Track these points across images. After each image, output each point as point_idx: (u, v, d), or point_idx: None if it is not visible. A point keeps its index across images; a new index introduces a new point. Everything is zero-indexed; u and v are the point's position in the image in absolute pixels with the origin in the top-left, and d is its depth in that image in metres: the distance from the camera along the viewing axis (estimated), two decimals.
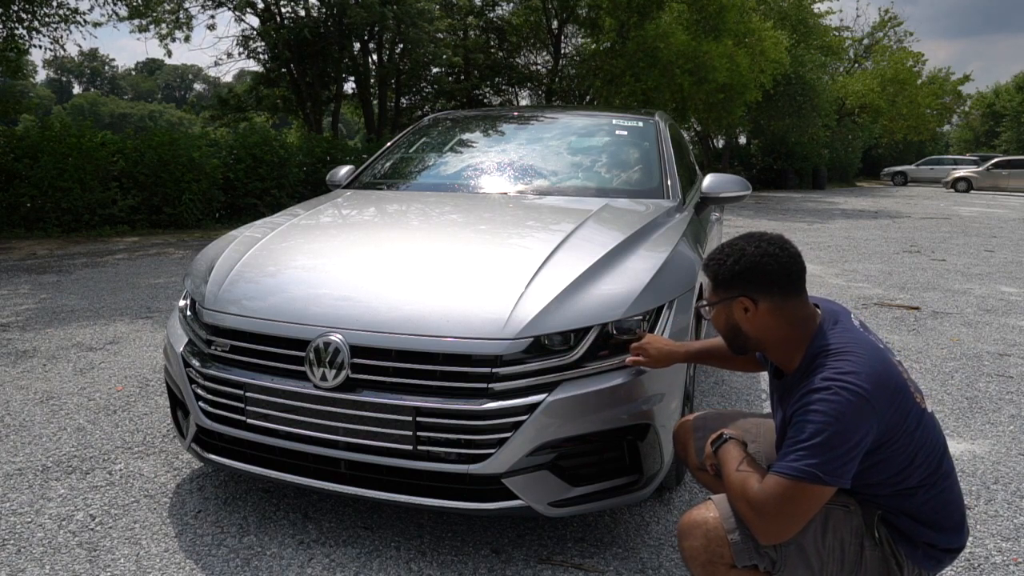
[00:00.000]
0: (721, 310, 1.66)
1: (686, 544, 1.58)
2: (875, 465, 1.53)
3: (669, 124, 3.98)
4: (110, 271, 7.27)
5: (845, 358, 1.51)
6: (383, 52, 18.28)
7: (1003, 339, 4.96)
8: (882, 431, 1.49)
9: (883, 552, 1.59)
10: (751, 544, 1.52)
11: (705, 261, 1.70)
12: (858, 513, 1.59)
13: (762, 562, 1.53)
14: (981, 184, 27.12)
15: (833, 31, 29.74)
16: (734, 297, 1.63)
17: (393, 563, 2.15)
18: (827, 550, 1.55)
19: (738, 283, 1.61)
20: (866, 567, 1.59)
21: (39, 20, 12.01)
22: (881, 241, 10.82)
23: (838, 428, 1.44)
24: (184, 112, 39.40)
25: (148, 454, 2.90)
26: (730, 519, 1.55)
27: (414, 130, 4.28)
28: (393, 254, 2.44)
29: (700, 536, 1.56)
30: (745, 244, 1.63)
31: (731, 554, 1.53)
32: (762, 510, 1.47)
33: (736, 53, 18.31)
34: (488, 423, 1.95)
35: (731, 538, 1.53)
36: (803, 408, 1.49)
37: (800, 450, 1.46)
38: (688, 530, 1.59)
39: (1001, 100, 48.01)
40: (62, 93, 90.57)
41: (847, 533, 1.57)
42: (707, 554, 1.55)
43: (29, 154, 10.11)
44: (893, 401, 1.49)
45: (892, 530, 1.61)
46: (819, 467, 1.43)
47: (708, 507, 1.60)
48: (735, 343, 1.70)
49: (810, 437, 1.45)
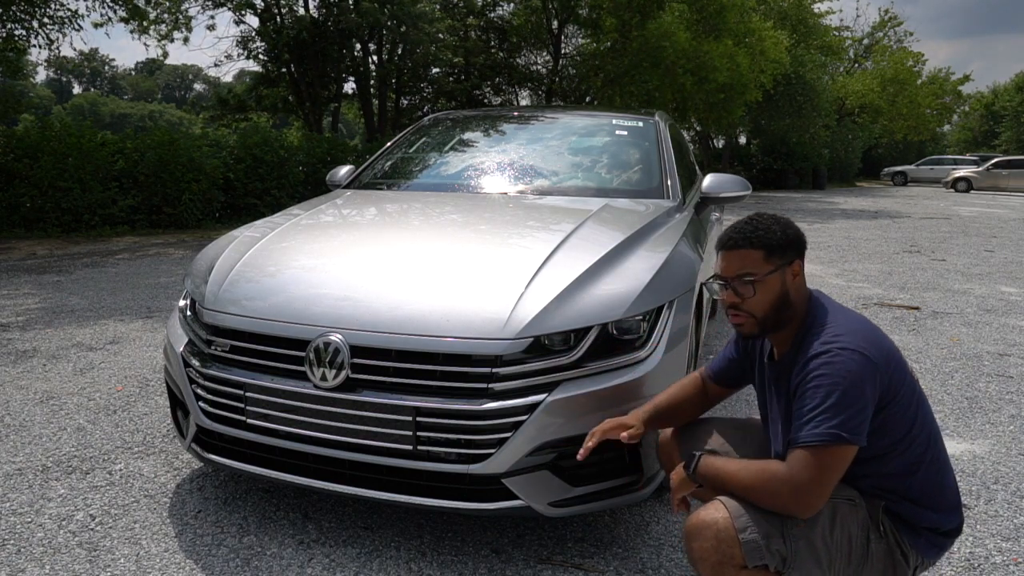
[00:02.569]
0: (776, 279, 1.64)
1: (695, 545, 1.55)
2: (879, 429, 1.55)
3: (669, 124, 3.98)
4: (110, 271, 7.28)
5: (836, 324, 1.59)
6: (383, 52, 18.28)
7: (1003, 339, 4.96)
8: (884, 390, 1.54)
9: (888, 543, 1.61)
10: (762, 543, 1.50)
11: (744, 237, 1.65)
12: (863, 506, 1.61)
13: (773, 561, 1.51)
14: (981, 184, 27.12)
15: (833, 31, 29.77)
16: (789, 262, 1.66)
17: (393, 563, 2.15)
18: (835, 545, 1.56)
19: (792, 248, 1.66)
20: (872, 560, 1.60)
21: (38, 20, 12.02)
22: (881, 241, 10.82)
23: (846, 387, 1.48)
24: (184, 112, 39.42)
25: (148, 454, 2.90)
26: (741, 518, 1.53)
27: (414, 130, 4.28)
28: (393, 254, 2.44)
29: (710, 537, 1.53)
30: (770, 216, 1.69)
31: (742, 554, 1.50)
32: (799, 485, 1.47)
33: (736, 53, 18.32)
34: (488, 423, 1.95)
35: (742, 537, 1.50)
36: (807, 376, 1.53)
37: (817, 416, 1.48)
38: (697, 531, 1.55)
39: (1000, 100, 48.01)
40: (62, 93, 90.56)
41: (854, 527, 1.58)
42: (717, 555, 1.52)
43: (29, 154, 10.11)
44: (888, 361, 1.55)
45: (895, 520, 1.62)
46: (840, 427, 1.46)
47: (716, 507, 1.57)
48: (781, 315, 1.65)
49: (822, 401, 1.48)
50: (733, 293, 1.66)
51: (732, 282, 1.65)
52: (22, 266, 7.51)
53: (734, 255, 1.66)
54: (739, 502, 1.56)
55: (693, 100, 19.15)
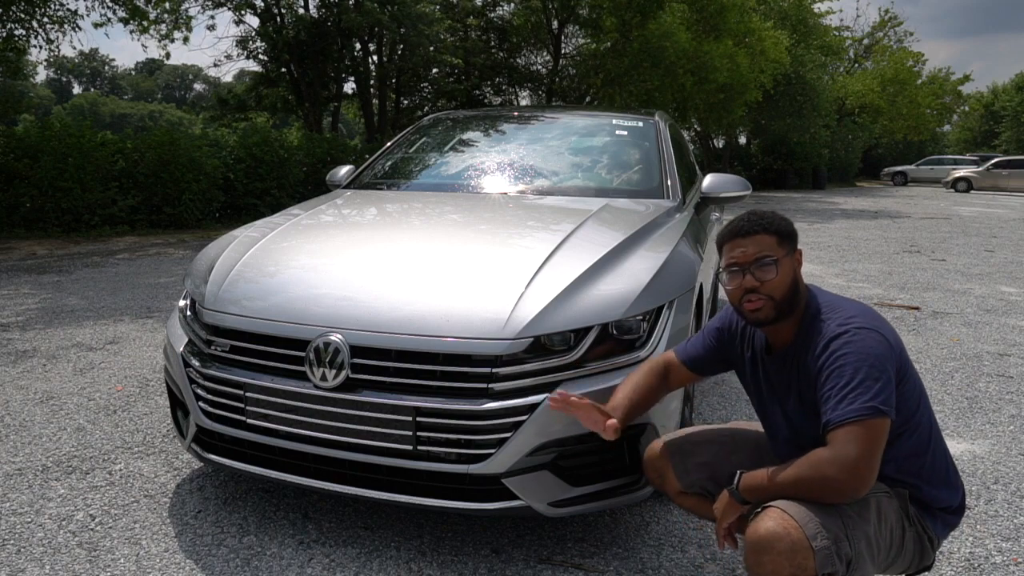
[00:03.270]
0: (789, 263, 1.69)
1: (766, 559, 1.46)
2: (897, 402, 1.58)
3: (669, 124, 3.97)
4: (110, 271, 7.28)
5: (845, 308, 1.65)
6: (383, 53, 18.28)
7: (1003, 339, 4.96)
8: (897, 368, 1.58)
9: (917, 531, 1.64)
10: (832, 549, 1.46)
11: (756, 223, 1.70)
12: (895, 497, 1.63)
13: (841, 566, 1.47)
14: (981, 184, 27.12)
15: (833, 31, 29.75)
16: (795, 249, 1.73)
17: (393, 563, 2.15)
18: (883, 538, 1.57)
19: (794, 237, 1.73)
20: (906, 548, 1.63)
21: (38, 20, 12.02)
22: (881, 241, 10.82)
23: (872, 362, 1.52)
24: (184, 112, 39.40)
25: (148, 454, 2.90)
26: (810, 524, 1.46)
27: (414, 130, 4.28)
28: (393, 254, 2.44)
29: (784, 550, 1.44)
30: (767, 210, 1.76)
31: (815, 564, 1.44)
32: (849, 463, 1.46)
33: (736, 53, 18.32)
34: (488, 423, 1.95)
35: (815, 545, 1.44)
36: (831, 356, 1.56)
37: (849, 393, 1.50)
38: (767, 545, 1.46)
39: (1000, 100, 48.01)
40: (62, 93, 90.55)
41: (892, 518, 1.60)
42: (791, 567, 1.44)
43: (29, 154, 10.11)
44: (897, 341, 1.62)
45: (918, 506, 1.65)
46: (876, 400, 1.49)
47: (779, 516, 1.48)
48: (794, 300, 1.69)
49: (852, 378, 1.51)
50: (752, 278, 1.67)
51: (751, 266, 1.67)
52: (22, 266, 7.51)
53: (749, 241, 1.69)
54: (801, 507, 1.50)
55: (693, 100, 19.16)
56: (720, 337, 1.93)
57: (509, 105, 21.87)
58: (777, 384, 1.76)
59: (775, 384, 1.77)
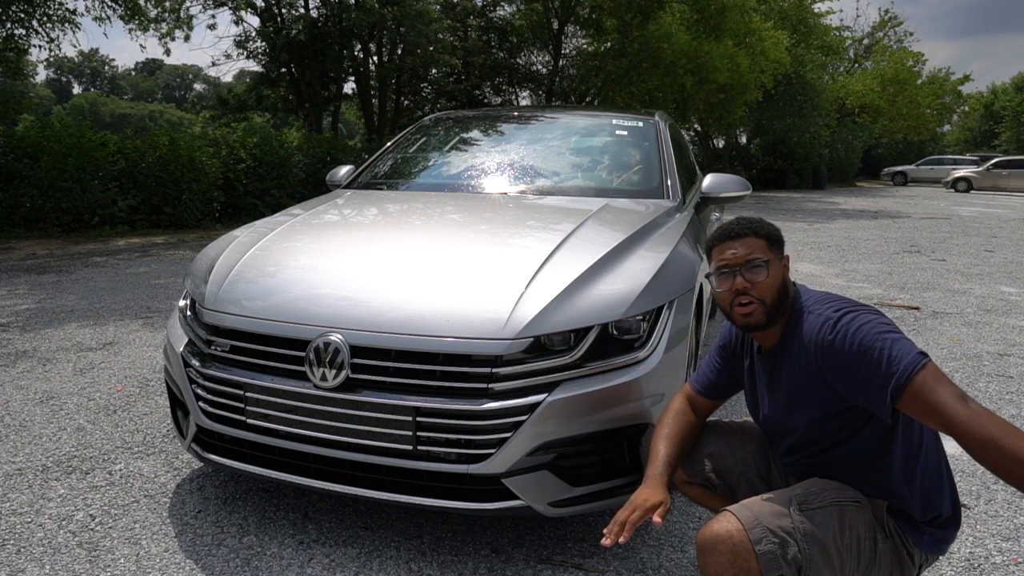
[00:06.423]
0: (778, 266, 1.70)
1: (710, 560, 1.50)
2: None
3: (669, 124, 3.98)
4: (110, 271, 7.27)
5: (832, 298, 1.66)
6: (383, 53, 18.27)
7: (1003, 339, 4.96)
8: None
9: (894, 543, 1.61)
10: (778, 553, 1.47)
11: (746, 227, 1.72)
12: (868, 508, 1.61)
13: (790, 571, 1.48)
14: (981, 184, 27.13)
15: (833, 31, 29.76)
16: (783, 254, 1.75)
17: (393, 563, 2.15)
18: (846, 548, 1.55)
19: (781, 243, 1.75)
20: (880, 561, 1.60)
21: (37, 20, 12.03)
22: (881, 241, 10.82)
23: (882, 329, 1.51)
24: (184, 112, 39.41)
25: (148, 454, 2.90)
26: (755, 528, 1.48)
27: (414, 130, 4.28)
28: (393, 254, 2.44)
29: (726, 551, 1.48)
30: (757, 217, 1.79)
31: (759, 567, 1.46)
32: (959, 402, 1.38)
33: (736, 53, 18.33)
34: (488, 423, 1.95)
35: (758, 549, 1.46)
36: (845, 334, 1.53)
37: (893, 351, 1.46)
38: (711, 545, 1.50)
39: (1000, 100, 48.02)
40: (62, 93, 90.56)
41: (861, 528, 1.58)
42: (734, 569, 1.47)
43: (29, 154, 10.11)
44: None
45: (899, 519, 1.63)
46: (916, 348, 1.48)
47: (728, 519, 1.52)
48: (783, 303, 1.69)
49: (883, 337, 1.49)
50: (743, 280, 1.67)
51: (742, 268, 1.67)
52: (22, 266, 7.51)
53: (740, 243, 1.70)
54: (752, 510, 1.52)
55: (693, 100, 19.16)
56: (724, 354, 1.92)
57: (509, 105, 21.88)
58: (772, 381, 1.76)
59: (771, 382, 1.76)
